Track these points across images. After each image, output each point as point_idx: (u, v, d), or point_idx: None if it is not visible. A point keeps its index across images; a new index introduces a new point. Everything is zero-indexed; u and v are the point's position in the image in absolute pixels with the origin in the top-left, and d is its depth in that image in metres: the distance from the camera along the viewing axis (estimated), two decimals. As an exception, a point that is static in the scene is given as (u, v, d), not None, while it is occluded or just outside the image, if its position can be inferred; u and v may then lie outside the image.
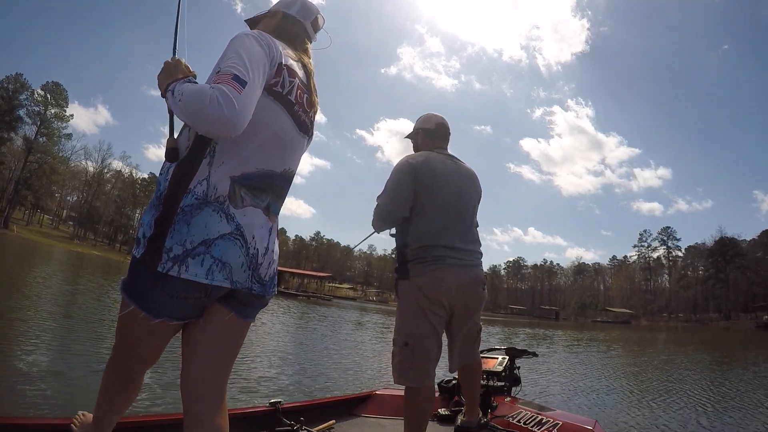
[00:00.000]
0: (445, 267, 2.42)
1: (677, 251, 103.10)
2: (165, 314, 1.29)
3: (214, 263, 1.25)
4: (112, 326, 9.28)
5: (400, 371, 2.41)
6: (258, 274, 1.38)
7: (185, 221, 1.23)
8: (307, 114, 1.51)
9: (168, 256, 1.22)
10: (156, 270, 1.22)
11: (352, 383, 7.07)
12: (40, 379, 4.91)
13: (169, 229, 1.23)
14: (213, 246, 1.25)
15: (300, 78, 1.46)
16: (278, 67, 1.36)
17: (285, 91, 1.39)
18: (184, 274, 1.22)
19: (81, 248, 67.59)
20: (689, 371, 13.05)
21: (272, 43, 1.36)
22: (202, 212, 1.24)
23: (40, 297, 11.24)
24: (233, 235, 1.28)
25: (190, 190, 1.26)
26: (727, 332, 52.09)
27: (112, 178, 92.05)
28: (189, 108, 1.15)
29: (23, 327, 7.36)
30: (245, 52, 1.25)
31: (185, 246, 1.22)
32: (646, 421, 6.46)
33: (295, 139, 1.47)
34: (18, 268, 18.82)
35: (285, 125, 1.41)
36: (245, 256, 1.32)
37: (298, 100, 1.44)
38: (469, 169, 2.75)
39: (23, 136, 69.60)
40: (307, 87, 1.51)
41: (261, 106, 1.30)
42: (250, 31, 1.38)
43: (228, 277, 1.28)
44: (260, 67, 1.27)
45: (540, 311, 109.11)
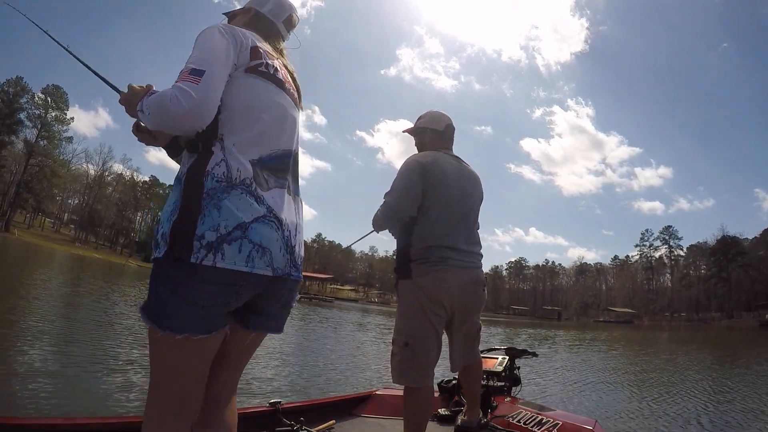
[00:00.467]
0: (447, 268, 2.43)
1: (679, 250, 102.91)
2: (200, 326, 1.15)
3: (253, 249, 1.17)
4: (112, 327, 9.52)
5: (399, 371, 2.41)
6: (294, 259, 1.33)
7: (214, 205, 1.14)
8: (297, 91, 1.53)
9: (201, 244, 1.11)
10: (189, 263, 1.10)
11: (352, 383, 7.09)
12: (41, 379, 4.92)
13: (199, 216, 1.13)
14: (249, 230, 1.16)
15: (280, 63, 1.48)
16: (253, 50, 1.36)
17: (271, 70, 1.39)
18: (221, 262, 1.11)
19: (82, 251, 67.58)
20: (691, 371, 13.02)
21: (238, 32, 1.36)
22: (230, 195, 1.17)
23: (41, 299, 11.27)
24: (267, 218, 1.22)
25: (209, 172, 1.18)
26: (730, 331, 52.08)
27: (113, 181, 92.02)
28: (155, 115, 1.17)
29: (24, 328, 7.42)
30: (204, 43, 1.27)
31: (219, 231, 1.12)
32: (647, 421, 6.46)
33: (295, 116, 1.48)
34: (19, 271, 18.82)
35: (285, 103, 1.41)
36: (282, 240, 1.26)
37: (286, 79, 1.46)
38: (473, 172, 2.77)
39: (24, 140, 69.64)
40: (285, 67, 1.53)
41: (257, 88, 1.32)
42: (215, 24, 1.38)
43: (269, 263, 1.21)
44: (221, 54, 1.26)
45: (542, 312, 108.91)
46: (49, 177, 71.03)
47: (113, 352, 7.00)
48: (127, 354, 7.05)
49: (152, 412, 1.21)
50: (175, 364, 1.18)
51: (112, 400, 4.70)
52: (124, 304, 14.51)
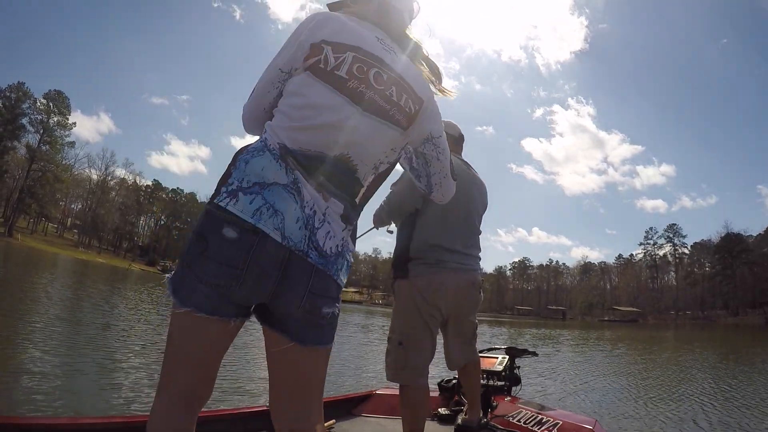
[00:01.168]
0: (444, 270, 2.46)
1: (684, 248, 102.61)
2: (192, 298, 1.14)
3: (264, 205, 1.14)
4: (111, 329, 9.54)
5: (393, 369, 2.45)
6: (315, 240, 1.19)
7: (245, 160, 1.19)
8: (378, 92, 1.28)
9: (226, 190, 1.16)
10: (212, 202, 1.16)
11: (352, 383, 7.12)
12: (41, 379, 4.95)
13: (233, 167, 1.20)
14: (266, 189, 1.16)
15: (363, 51, 1.28)
16: (312, 46, 1.27)
17: (330, 67, 1.25)
18: (231, 206, 1.13)
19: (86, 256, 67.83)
20: (693, 369, 12.99)
21: (308, 26, 1.30)
22: (263, 155, 1.19)
23: (42, 302, 11.34)
24: (289, 187, 1.17)
25: (261, 137, 1.27)
26: (735, 329, 51.96)
27: (116, 185, 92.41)
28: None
29: (25, 330, 7.46)
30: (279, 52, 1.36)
31: (241, 183, 1.16)
32: (647, 420, 6.45)
33: (358, 122, 1.26)
34: (22, 275, 18.90)
35: (336, 106, 1.24)
36: (301, 211, 1.17)
37: (356, 75, 1.26)
38: (480, 179, 2.80)
39: (26, 144, 70.07)
40: (380, 62, 1.30)
41: (305, 86, 1.26)
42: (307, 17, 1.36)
43: (279, 227, 1.13)
44: (279, 62, 1.33)
45: (547, 311, 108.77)
46: (52, 182, 71.35)
47: (114, 353, 7.01)
48: (127, 354, 7.05)
49: (161, 374, 1.21)
50: (175, 337, 1.19)
51: (114, 401, 4.71)
52: (124, 307, 14.54)
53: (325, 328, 1.26)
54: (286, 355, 1.24)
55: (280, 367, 1.26)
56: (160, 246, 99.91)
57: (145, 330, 10.24)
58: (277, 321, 1.22)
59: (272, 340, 1.24)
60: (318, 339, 1.25)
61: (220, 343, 1.21)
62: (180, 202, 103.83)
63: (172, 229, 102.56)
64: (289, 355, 1.23)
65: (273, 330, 1.23)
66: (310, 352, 1.25)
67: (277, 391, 1.27)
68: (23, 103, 68.32)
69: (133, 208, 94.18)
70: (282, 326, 1.22)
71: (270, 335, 1.25)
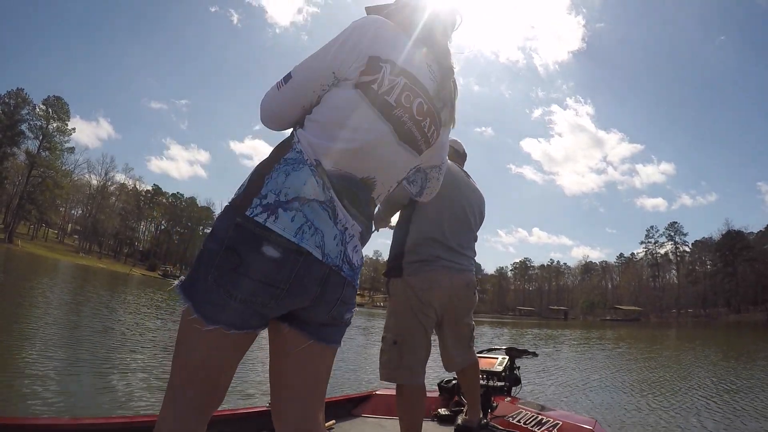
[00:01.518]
0: (438, 269, 2.45)
1: (685, 246, 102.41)
2: (222, 315, 1.09)
3: (305, 223, 1.11)
4: (109, 332, 9.57)
5: (388, 369, 2.43)
6: (347, 255, 1.21)
7: (284, 171, 1.13)
8: (416, 122, 1.29)
9: (260, 202, 1.09)
10: (243, 215, 1.09)
11: (352, 383, 7.12)
12: (41, 380, 4.98)
13: (267, 176, 1.13)
14: (306, 206, 1.12)
15: (416, 80, 1.27)
16: (369, 61, 1.21)
17: (382, 90, 1.22)
18: (271, 224, 1.08)
19: (86, 261, 67.77)
20: (694, 368, 13.00)
21: (368, 35, 1.24)
22: (301, 169, 1.14)
23: (41, 306, 11.39)
24: (326, 205, 1.15)
25: (294, 146, 1.18)
26: (738, 326, 52.00)
27: (116, 191, 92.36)
28: (260, 104, 1.33)
29: (24, 334, 7.53)
30: (320, 48, 1.27)
31: (279, 197, 1.10)
32: (647, 421, 6.44)
33: (392, 149, 1.27)
34: (22, 280, 18.85)
35: (376, 131, 1.23)
36: (336, 229, 1.17)
37: (402, 104, 1.25)
38: (479, 190, 2.82)
39: (26, 151, 69.98)
40: (428, 93, 1.31)
41: (354, 107, 1.21)
42: (357, 20, 1.29)
43: (320, 245, 1.13)
44: (323, 63, 1.24)
45: (548, 312, 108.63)
46: (52, 188, 71.25)
47: (113, 355, 7.01)
48: (126, 356, 7.04)
49: (168, 387, 1.16)
50: (192, 349, 1.14)
51: (113, 401, 4.72)
52: (123, 311, 14.53)
53: (341, 329, 1.30)
54: (301, 354, 1.23)
55: (292, 366, 1.24)
56: (161, 251, 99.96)
57: (143, 333, 10.25)
58: (298, 321, 1.22)
59: (287, 339, 1.22)
60: (333, 338, 1.28)
61: (241, 351, 1.19)
62: (180, 207, 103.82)
63: (173, 233, 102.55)
64: (304, 354, 1.23)
65: (291, 328, 1.22)
66: (324, 351, 1.26)
67: (284, 391, 1.24)
68: (22, 109, 68.25)
69: (133, 213, 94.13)
70: (302, 326, 1.22)
71: (286, 334, 1.23)
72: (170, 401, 1.14)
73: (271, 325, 1.23)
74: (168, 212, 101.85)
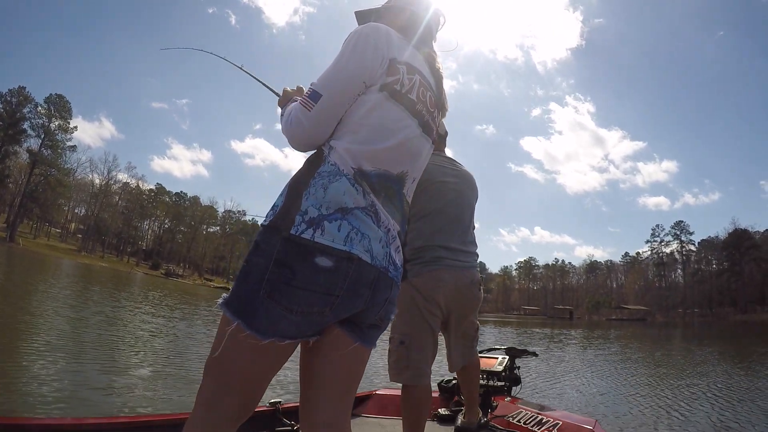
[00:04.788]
0: (441, 268, 2.46)
1: (691, 245, 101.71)
2: (278, 327, 1.11)
3: (352, 230, 1.14)
4: (109, 330, 9.48)
5: (396, 369, 2.43)
6: (392, 256, 1.26)
7: (322, 185, 1.15)
8: (431, 115, 1.41)
9: (302, 218, 1.11)
10: (288, 234, 1.10)
11: None
12: (41, 380, 5.02)
13: (304, 192, 1.15)
14: (350, 215, 1.15)
15: (423, 75, 1.38)
16: (390, 63, 1.28)
17: (404, 89, 1.30)
18: (320, 237, 1.09)
19: (89, 260, 67.64)
20: (696, 368, 12.98)
21: (382, 39, 1.28)
22: (339, 180, 1.17)
23: (41, 305, 11.57)
24: (368, 210, 1.19)
25: (326, 158, 1.20)
26: (745, 326, 51.90)
27: (120, 190, 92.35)
28: (285, 129, 1.29)
29: (25, 332, 7.59)
30: (340, 58, 1.27)
31: (321, 210, 1.12)
32: (647, 420, 6.47)
33: (419, 143, 1.37)
34: (22, 279, 18.89)
35: (408, 127, 1.32)
36: (380, 231, 1.21)
37: (421, 99, 1.36)
38: (466, 172, 2.78)
39: (27, 149, 70.01)
40: (432, 86, 1.42)
41: (383, 110, 1.26)
42: (361, 27, 1.32)
43: (368, 249, 1.16)
44: (351, 73, 1.25)
45: (554, 311, 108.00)
46: (54, 186, 71.26)
47: (115, 355, 7.10)
48: (128, 355, 7.14)
49: (200, 398, 1.17)
50: (237, 360, 1.14)
51: (116, 401, 4.75)
52: (125, 309, 14.57)
53: (381, 331, 1.34)
54: (344, 356, 1.25)
55: (333, 367, 1.25)
56: (164, 250, 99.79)
57: (144, 331, 10.23)
58: (348, 323, 1.24)
59: (333, 341, 1.24)
60: (373, 340, 1.32)
61: (286, 359, 1.20)
62: (183, 206, 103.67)
63: (176, 232, 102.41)
64: (347, 356, 1.26)
65: (341, 330, 1.23)
66: (364, 353, 1.30)
67: (319, 392, 1.25)
68: (24, 107, 68.15)
69: (136, 212, 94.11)
70: (351, 328, 1.24)
71: (334, 336, 1.24)
72: (205, 408, 1.15)
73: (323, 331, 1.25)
74: (171, 211, 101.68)
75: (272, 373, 1.19)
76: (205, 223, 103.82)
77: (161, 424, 2.30)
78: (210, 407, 1.14)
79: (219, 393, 1.14)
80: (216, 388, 1.14)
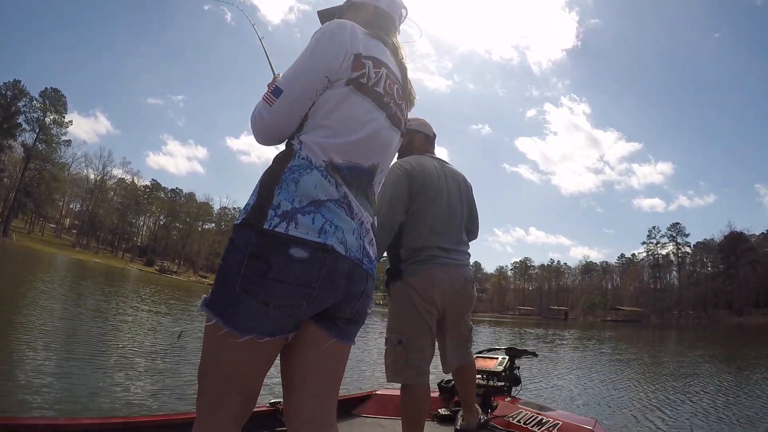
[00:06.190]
0: (437, 266, 2.47)
1: (686, 247, 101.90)
2: (256, 324, 1.11)
3: (326, 222, 1.15)
4: (108, 329, 9.38)
5: (394, 370, 2.43)
6: (366, 248, 1.28)
7: (293, 180, 1.16)
8: (399, 107, 1.43)
9: (275, 213, 1.12)
10: (261, 228, 1.11)
11: (352, 383, 7.15)
12: (41, 380, 5.00)
13: (276, 187, 1.16)
14: (323, 207, 1.16)
15: (389, 68, 1.40)
16: (356, 59, 1.30)
17: (371, 82, 1.32)
18: (293, 230, 1.10)
19: (82, 255, 67.28)
20: (694, 370, 13.02)
21: (347, 35, 1.30)
22: (311, 173, 1.18)
23: (41, 303, 11.49)
24: (341, 202, 1.20)
25: (297, 153, 1.21)
26: (740, 329, 52.19)
27: (115, 185, 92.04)
28: (252, 121, 1.30)
29: (22, 331, 7.51)
30: (303, 55, 1.28)
31: (294, 204, 1.13)
32: (647, 421, 6.48)
33: (388, 134, 1.39)
34: (14, 275, 18.87)
35: (376, 119, 1.34)
36: (354, 223, 1.23)
37: (388, 91, 1.37)
38: (456, 172, 2.82)
39: (22, 143, 69.61)
40: (398, 79, 1.45)
41: (350, 104, 1.28)
42: (326, 24, 1.34)
43: (342, 240, 1.18)
44: (315, 69, 1.26)
45: (549, 312, 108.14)
46: (48, 181, 70.86)
47: (110, 353, 7.08)
48: (122, 355, 7.09)
49: (200, 404, 1.18)
50: (225, 362, 1.16)
51: (114, 401, 4.75)
52: (118, 308, 14.48)
53: (359, 326, 1.34)
54: (321, 353, 1.25)
55: (311, 365, 1.25)
56: (159, 246, 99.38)
57: (139, 330, 10.19)
58: (324, 319, 1.24)
59: (309, 337, 1.24)
60: (352, 336, 1.33)
61: (273, 357, 1.21)
62: (179, 202, 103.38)
63: (171, 229, 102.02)
64: (324, 353, 1.26)
65: (317, 326, 1.24)
66: (343, 349, 1.30)
67: (300, 391, 1.25)
68: (19, 101, 67.83)
69: (131, 208, 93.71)
70: (327, 324, 1.25)
71: (310, 332, 1.24)
72: (207, 413, 1.16)
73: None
74: (166, 207, 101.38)
75: (264, 369, 1.19)
76: (200, 219, 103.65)
77: (159, 425, 2.32)
78: (211, 411, 1.15)
79: (217, 396, 1.15)
80: (213, 391, 1.15)
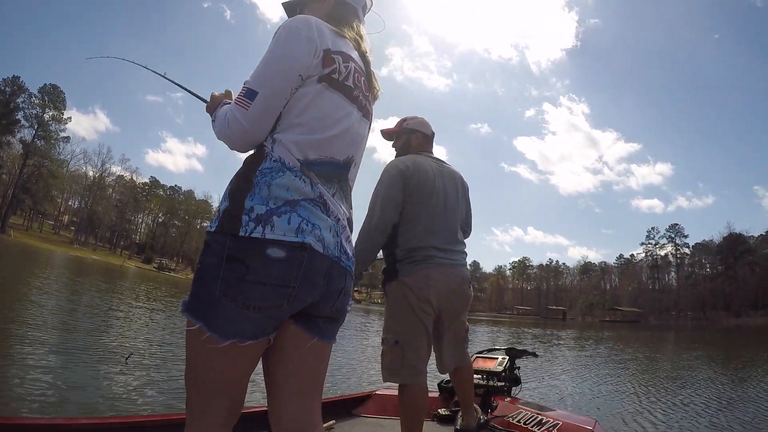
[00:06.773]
0: (433, 266, 2.47)
1: (685, 248, 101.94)
2: (238, 327, 1.10)
3: (302, 221, 1.14)
4: (107, 328, 9.44)
5: (390, 369, 2.43)
6: (343, 245, 1.27)
7: (266, 183, 1.14)
8: (366, 99, 1.45)
9: (249, 217, 1.10)
10: (237, 235, 1.08)
11: (352, 383, 7.07)
12: (41, 380, 5.01)
13: (249, 192, 1.14)
14: (298, 206, 1.15)
15: (356, 62, 1.40)
16: (326, 54, 1.29)
17: (341, 77, 1.33)
18: (270, 233, 1.09)
19: (81, 252, 67.14)
20: (693, 371, 13.09)
21: (314, 32, 1.28)
22: (284, 175, 1.16)
23: (36, 300, 11.50)
24: (316, 201, 1.19)
25: (267, 156, 1.19)
26: (738, 330, 52.39)
27: (114, 183, 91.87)
28: (219, 132, 1.27)
29: (20, 331, 7.46)
30: (271, 53, 1.25)
31: (269, 205, 1.12)
32: (647, 421, 6.52)
33: (360, 127, 1.41)
34: (10, 272, 18.86)
35: (351, 116, 1.35)
36: (330, 221, 1.22)
37: (357, 84, 1.39)
38: (453, 171, 2.82)
39: (20, 140, 69.40)
40: (363, 71, 1.45)
41: (323, 99, 1.27)
42: (290, 20, 1.31)
43: (320, 238, 1.16)
44: (286, 67, 1.24)
45: (547, 311, 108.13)
46: (47, 177, 70.67)
47: (109, 353, 7.08)
48: (125, 353, 7.07)
49: (188, 411, 1.18)
50: (208, 367, 1.15)
51: (113, 401, 4.75)
52: (115, 306, 14.56)
53: (338, 325, 1.34)
54: (302, 352, 1.24)
55: (292, 365, 1.24)
56: (157, 244, 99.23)
57: (138, 330, 10.28)
58: (303, 318, 1.23)
59: (289, 337, 1.23)
60: (332, 335, 1.32)
61: (256, 360, 1.20)
62: (178, 200, 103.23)
63: (170, 226, 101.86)
64: (305, 352, 1.25)
65: (296, 326, 1.22)
66: (324, 348, 1.29)
67: (282, 391, 1.24)
68: (18, 97, 67.61)
69: (130, 206, 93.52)
70: (306, 323, 1.23)
71: (290, 332, 1.23)
72: (196, 421, 1.15)
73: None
74: (165, 205, 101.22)
75: (248, 372, 1.18)
76: (199, 217, 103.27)
77: (159, 425, 2.33)
78: (200, 417, 1.14)
79: (204, 402, 1.14)
80: (200, 398, 1.14)
